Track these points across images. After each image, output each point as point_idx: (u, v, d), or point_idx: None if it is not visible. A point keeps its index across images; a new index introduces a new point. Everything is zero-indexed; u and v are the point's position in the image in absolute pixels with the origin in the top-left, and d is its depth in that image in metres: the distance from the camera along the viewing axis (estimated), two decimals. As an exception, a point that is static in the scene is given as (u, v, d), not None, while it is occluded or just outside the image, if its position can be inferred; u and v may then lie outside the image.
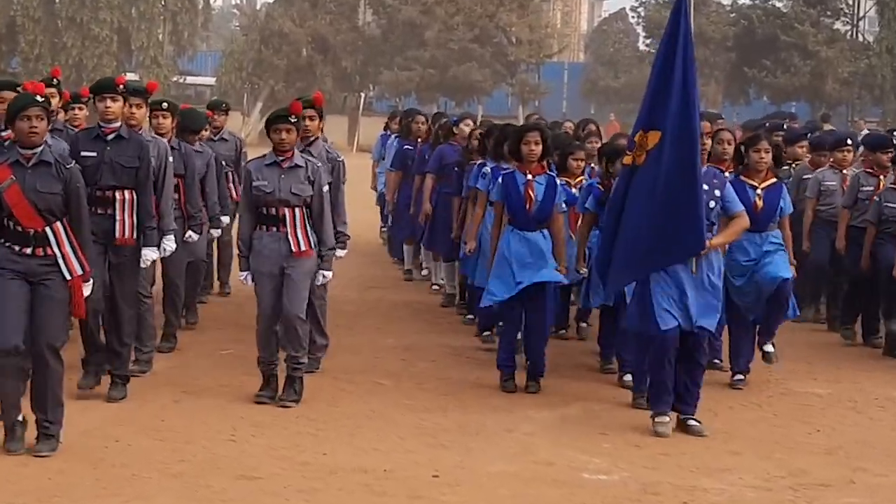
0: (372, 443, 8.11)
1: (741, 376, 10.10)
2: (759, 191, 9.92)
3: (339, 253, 9.75)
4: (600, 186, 10.06)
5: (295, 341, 9.01)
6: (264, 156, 9.12)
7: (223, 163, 12.08)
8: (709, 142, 9.84)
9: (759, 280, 9.84)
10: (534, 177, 9.57)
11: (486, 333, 11.24)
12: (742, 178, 9.90)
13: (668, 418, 8.49)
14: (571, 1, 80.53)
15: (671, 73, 8.25)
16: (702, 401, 8.72)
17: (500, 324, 10.33)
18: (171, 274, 10.40)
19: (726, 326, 10.03)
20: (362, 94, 53.89)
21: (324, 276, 9.22)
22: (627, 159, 8.40)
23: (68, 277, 7.42)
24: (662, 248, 8.34)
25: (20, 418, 7.44)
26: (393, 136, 16.82)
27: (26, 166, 7.36)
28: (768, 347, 10.42)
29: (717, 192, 8.66)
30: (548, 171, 9.78)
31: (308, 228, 8.95)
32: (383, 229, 18.15)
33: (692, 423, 8.57)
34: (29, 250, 7.37)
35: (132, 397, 8.86)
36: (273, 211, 8.92)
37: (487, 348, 10.96)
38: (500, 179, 9.72)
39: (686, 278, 8.37)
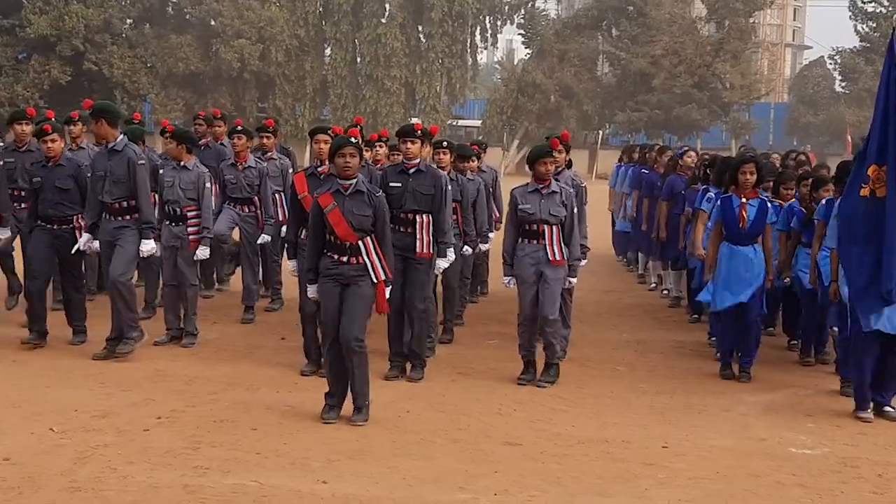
0: (612, 418, 8.09)
1: None
2: None
3: (581, 263, 9.76)
4: (803, 209, 9.88)
5: (550, 335, 9.05)
6: (527, 184, 9.14)
7: (490, 189, 12.18)
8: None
9: None
10: (747, 200, 9.40)
11: (712, 338, 10.78)
12: None
13: (869, 412, 8.20)
14: (777, 51, 78.68)
15: (889, 111, 7.92)
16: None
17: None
18: (450, 280, 10.52)
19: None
20: (600, 132, 53.68)
21: (569, 282, 9.27)
22: (864, 191, 8.00)
23: (374, 281, 7.69)
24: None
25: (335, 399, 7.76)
26: (625, 166, 16.65)
27: (344, 194, 7.65)
28: None
29: None
30: (760, 196, 9.59)
31: (562, 242, 8.99)
32: (621, 259, 17.63)
33: (888, 409, 8.24)
34: (345, 259, 7.67)
35: (424, 381, 9.06)
36: (534, 227, 8.97)
37: (712, 345, 10.72)
38: (718, 202, 9.60)
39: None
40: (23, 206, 10.41)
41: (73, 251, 9.73)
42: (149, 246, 9.43)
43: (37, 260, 9.82)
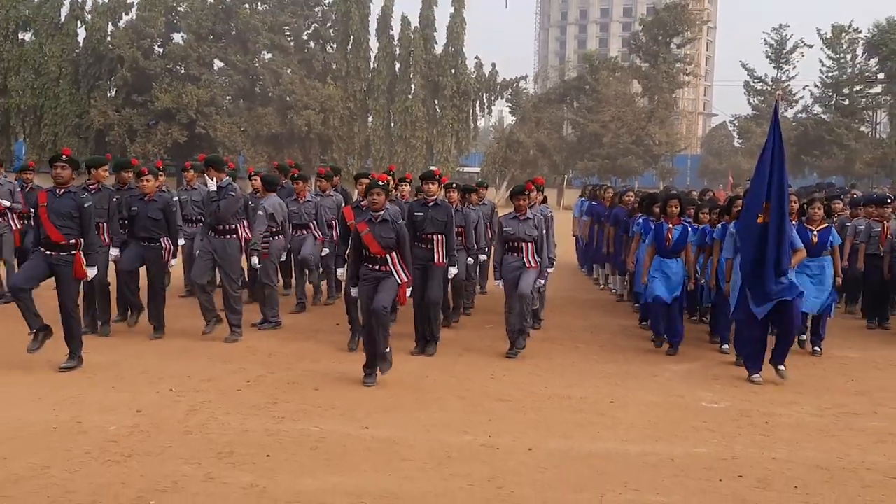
0: (573, 381, 8.06)
1: (818, 347, 9.67)
2: (815, 232, 9.53)
3: (549, 270, 9.75)
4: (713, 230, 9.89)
5: (520, 317, 9.01)
6: (510, 213, 9.19)
7: (488, 217, 12.14)
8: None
9: (813, 298, 9.45)
10: (673, 226, 9.40)
11: (643, 322, 10.90)
12: (805, 224, 9.53)
13: (759, 376, 8.17)
14: (692, 117, 78.64)
15: (773, 160, 7.95)
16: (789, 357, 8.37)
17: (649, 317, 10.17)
18: (457, 282, 10.50)
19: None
20: (565, 176, 53.60)
21: (540, 283, 9.34)
22: (760, 219, 7.96)
23: (399, 282, 7.69)
24: (779, 268, 8.01)
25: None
26: (584, 200, 16.64)
27: (375, 222, 7.67)
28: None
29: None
30: (683, 222, 9.57)
31: (535, 253, 8.99)
32: (583, 270, 17.41)
33: (780, 368, 8.21)
34: (377, 268, 7.71)
35: (437, 356, 9.03)
36: (515, 244, 9.00)
37: (644, 328, 10.73)
38: (653, 227, 9.60)
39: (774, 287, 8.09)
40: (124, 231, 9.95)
41: (167, 265, 9.62)
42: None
43: (126, 261, 9.54)
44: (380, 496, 5.08)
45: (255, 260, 10.20)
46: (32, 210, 8.94)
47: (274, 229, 10.55)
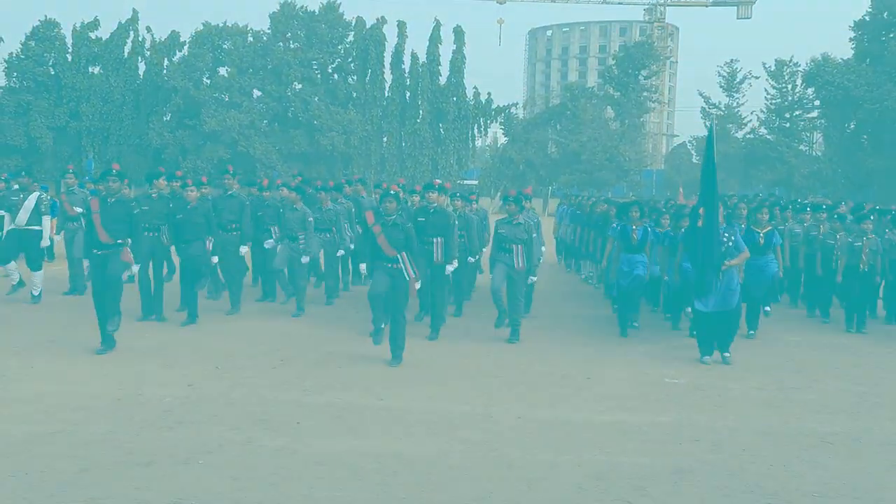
0: (555, 359, 8.04)
1: (753, 332, 9.62)
2: (761, 234, 9.50)
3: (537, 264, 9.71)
4: (674, 234, 9.85)
5: (515, 310, 8.98)
6: (505, 217, 9.16)
7: (483, 221, 12.06)
8: (730, 210, 9.40)
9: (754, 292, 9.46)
10: (636, 228, 9.41)
11: (615, 307, 10.84)
12: (752, 227, 9.51)
13: (707, 359, 8.13)
14: (657, 138, 78.45)
15: (707, 176, 7.96)
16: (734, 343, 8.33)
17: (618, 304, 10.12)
18: (459, 277, 10.39)
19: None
20: (549, 187, 53.48)
21: (531, 279, 9.27)
22: (699, 223, 8.02)
23: (407, 279, 7.66)
24: (715, 265, 8.01)
25: (382, 326, 7.79)
26: (564, 207, 16.61)
27: (388, 224, 7.66)
28: (767, 309, 10.06)
29: (732, 238, 8.31)
30: (644, 225, 9.56)
31: (524, 255, 8.94)
32: (563, 262, 17.33)
33: (727, 355, 8.19)
34: (391, 265, 7.65)
35: (441, 339, 8.95)
36: (508, 245, 8.95)
37: (614, 311, 10.63)
38: (619, 229, 9.60)
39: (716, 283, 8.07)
40: (149, 234, 9.49)
41: (210, 263, 9.55)
42: (244, 249, 10.15)
43: (184, 275, 9.45)
44: (392, 457, 5.09)
45: (305, 259, 10.34)
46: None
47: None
